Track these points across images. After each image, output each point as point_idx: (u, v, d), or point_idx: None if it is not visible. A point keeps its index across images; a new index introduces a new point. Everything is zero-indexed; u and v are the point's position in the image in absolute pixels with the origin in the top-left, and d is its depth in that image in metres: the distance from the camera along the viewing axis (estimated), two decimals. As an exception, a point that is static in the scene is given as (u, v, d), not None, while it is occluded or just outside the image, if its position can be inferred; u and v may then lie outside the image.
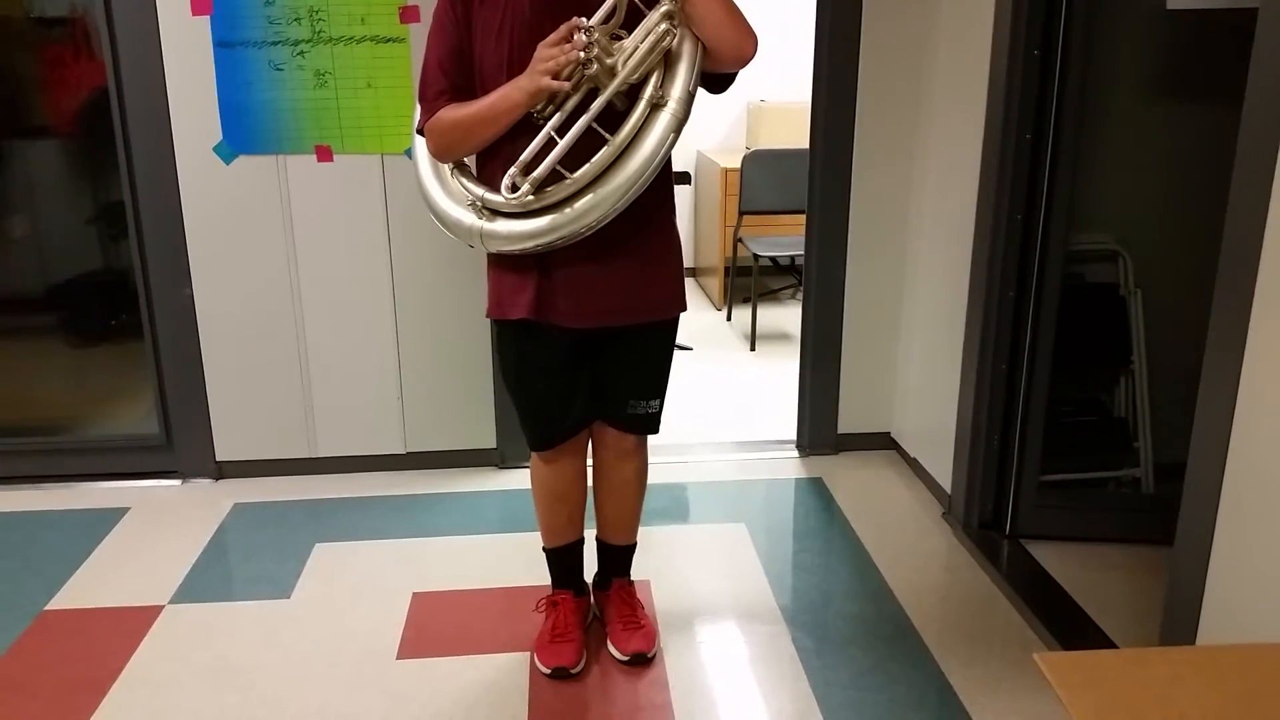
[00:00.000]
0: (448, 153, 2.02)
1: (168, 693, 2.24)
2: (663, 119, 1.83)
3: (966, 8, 2.77)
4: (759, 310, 4.78)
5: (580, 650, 2.31)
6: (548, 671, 2.27)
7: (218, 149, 2.96)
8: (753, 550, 2.82)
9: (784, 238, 4.80)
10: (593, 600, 2.49)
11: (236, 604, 2.58)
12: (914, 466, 3.29)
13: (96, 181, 3.33)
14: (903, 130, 3.16)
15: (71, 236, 3.40)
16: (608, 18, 1.84)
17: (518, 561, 2.72)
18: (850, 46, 3.07)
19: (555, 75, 1.81)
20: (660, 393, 2.23)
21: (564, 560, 2.39)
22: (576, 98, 1.85)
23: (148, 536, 2.92)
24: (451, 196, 2.03)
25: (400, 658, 2.35)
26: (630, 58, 1.81)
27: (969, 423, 2.80)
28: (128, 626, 2.48)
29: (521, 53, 1.88)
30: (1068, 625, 2.42)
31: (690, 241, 5.74)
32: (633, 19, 1.85)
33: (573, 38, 1.80)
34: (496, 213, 1.95)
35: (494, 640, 2.41)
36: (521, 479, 2.85)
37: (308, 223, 3.05)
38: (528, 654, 2.35)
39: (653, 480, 2.39)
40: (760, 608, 2.54)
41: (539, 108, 1.88)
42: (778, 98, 5.36)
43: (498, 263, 2.08)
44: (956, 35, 2.86)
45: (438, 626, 2.47)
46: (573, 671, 2.27)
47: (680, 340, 2.30)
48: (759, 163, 4.65)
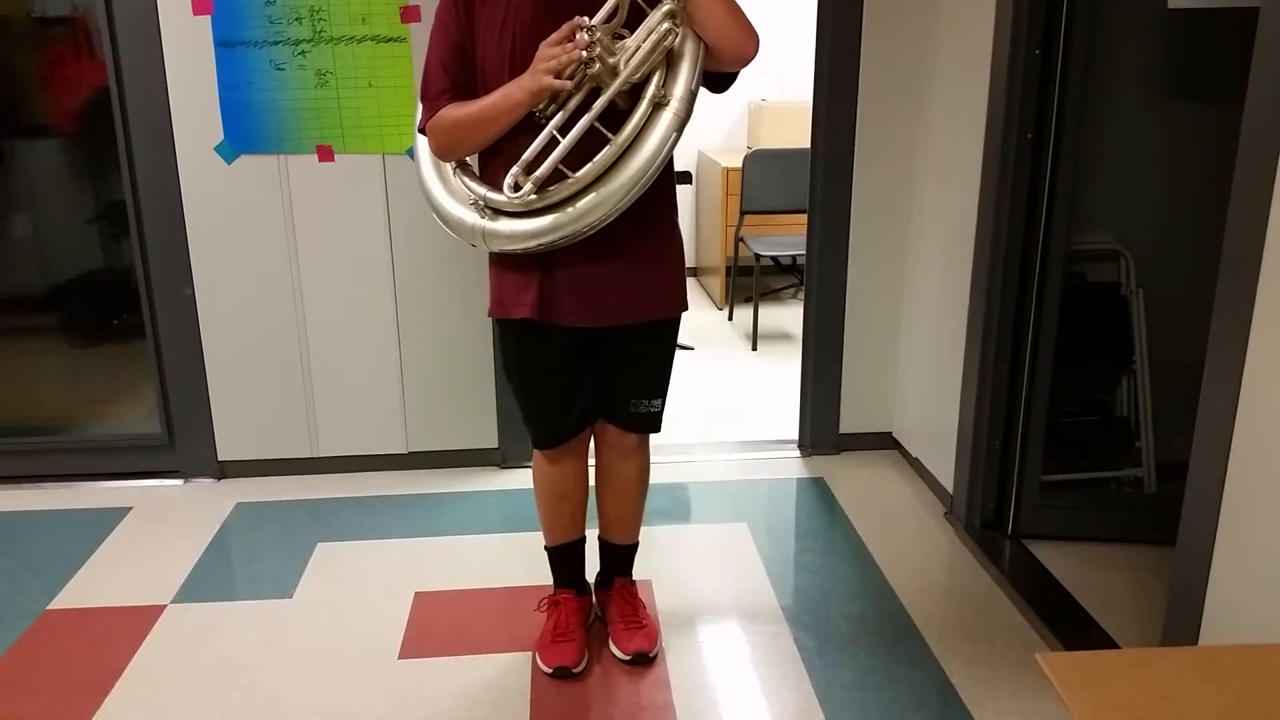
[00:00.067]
0: (450, 152, 2.02)
1: (169, 692, 2.24)
2: (665, 118, 1.83)
3: (967, 7, 2.77)
4: (760, 310, 4.78)
5: (582, 650, 2.31)
6: (549, 671, 2.27)
7: (219, 148, 2.96)
8: (754, 550, 2.82)
9: (785, 237, 4.80)
10: (594, 600, 2.49)
11: (238, 603, 2.59)
12: (916, 466, 3.29)
13: (98, 181, 3.34)
14: (904, 130, 3.16)
15: (73, 236, 3.41)
16: (610, 17, 1.84)
17: (519, 561, 2.73)
18: (851, 46, 3.07)
19: (557, 74, 1.81)
20: (662, 391, 2.23)
21: (566, 559, 2.39)
22: (579, 97, 1.85)
23: (149, 536, 2.93)
24: (454, 195, 2.03)
25: (402, 657, 2.35)
26: (632, 57, 1.81)
27: (971, 422, 2.80)
28: (129, 626, 2.48)
29: (524, 52, 1.88)
30: (1069, 625, 2.42)
31: (691, 241, 5.74)
32: (635, 18, 1.85)
33: (575, 37, 1.80)
34: (499, 212, 1.95)
35: (496, 640, 2.41)
36: (523, 479, 2.85)
37: (309, 222, 3.05)
38: (529, 654, 2.35)
39: (654, 480, 2.39)
40: (762, 607, 2.54)
41: (541, 107, 1.88)
42: (779, 97, 5.37)
43: (499, 262, 2.08)
44: (958, 35, 2.86)
45: (439, 626, 2.47)
46: (574, 671, 2.27)
47: (681, 340, 2.30)
48: (760, 162, 4.65)
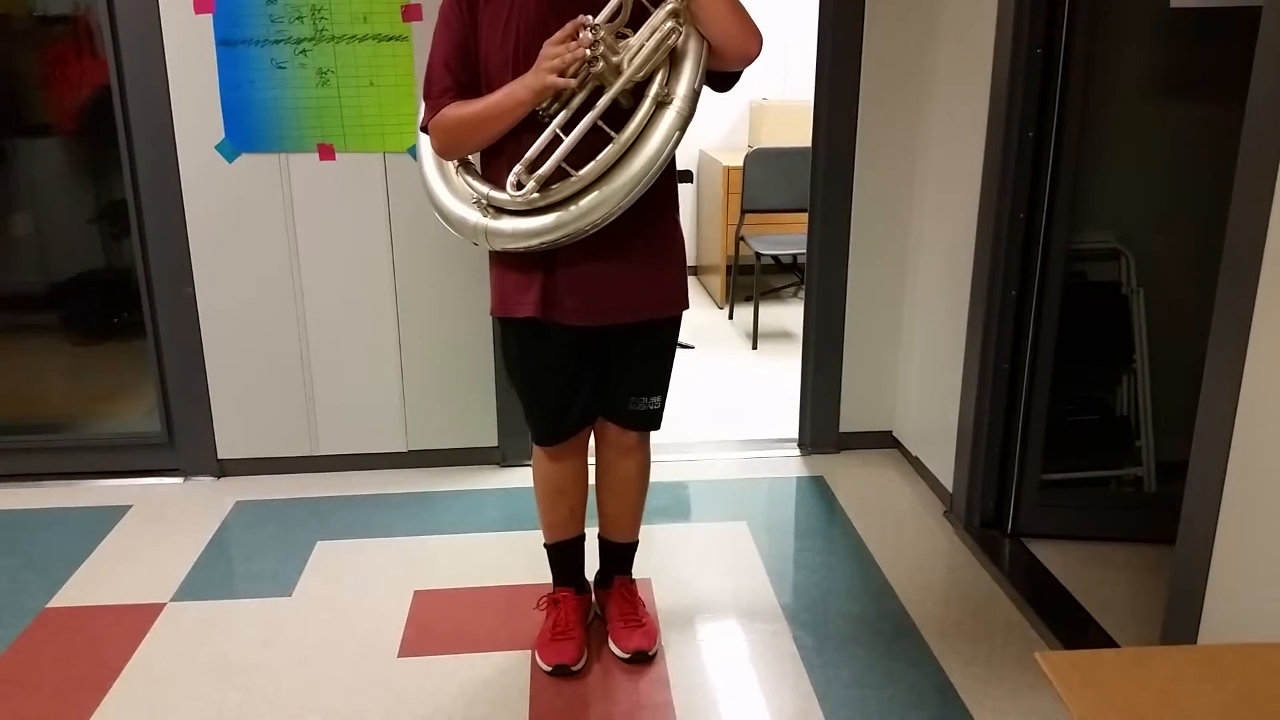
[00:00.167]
0: (452, 150, 2.02)
1: (169, 690, 2.24)
2: (668, 117, 1.83)
3: (969, 6, 2.76)
4: (761, 309, 4.78)
5: (581, 648, 2.31)
6: (549, 669, 2.27)
7: (220, 147, 2.96)
8: (754, 549, 2.82)
9: (786, 236, 4.80)
10: (594, 598, 2.49)
11: (238, 602, 2.59)
12: (915, 465, 3.29)
13: (99, 180, 3.33)
14: (905, 128, 3.16)
15: (74, 235, 3.40)
16: (613, 15, 1.83)
17: (519, 560, 2.73)
18: (853, 44, 3.07)
19: (561, 73, 1.81)
20: (662, 389, 2.23)
21: (565, 556, 2.39)
22: (582, 95, 1.85)
23: (149, 534, 2.93)
24: (456, 194, 2.03)
25: (402, 656, 2.35)
26: (636, 56, 1.81)
27: (971, 421, 2.80)
28: (129, 624, 2.48)
29: (527, 50, 1.88)
30: (1069, 624, 2.43)
31: (692, 240, 5.74)
32: (638, 17, 1.85)
33: (578, 35, 1.80)
34: (501, 210, 1.95)
35: (495, 638, 2.41)
36: (522, 477, 2.85)
37: (310, 221, 3.05)
38: (529, 652, 2.35)
39: (654, 479, 2.40)
40: (761, 606, 2.54)
41: (544, 105, 1.88)
42: (780, 96, 5.37)
43: (501, 260, 2.08)
44: (959, 33, 2.86)
45: (439, 624, 2.47)
46: (574, 669, 2.27)
47: (682, 339, 2.30)
48: (761, 161, 4.65)
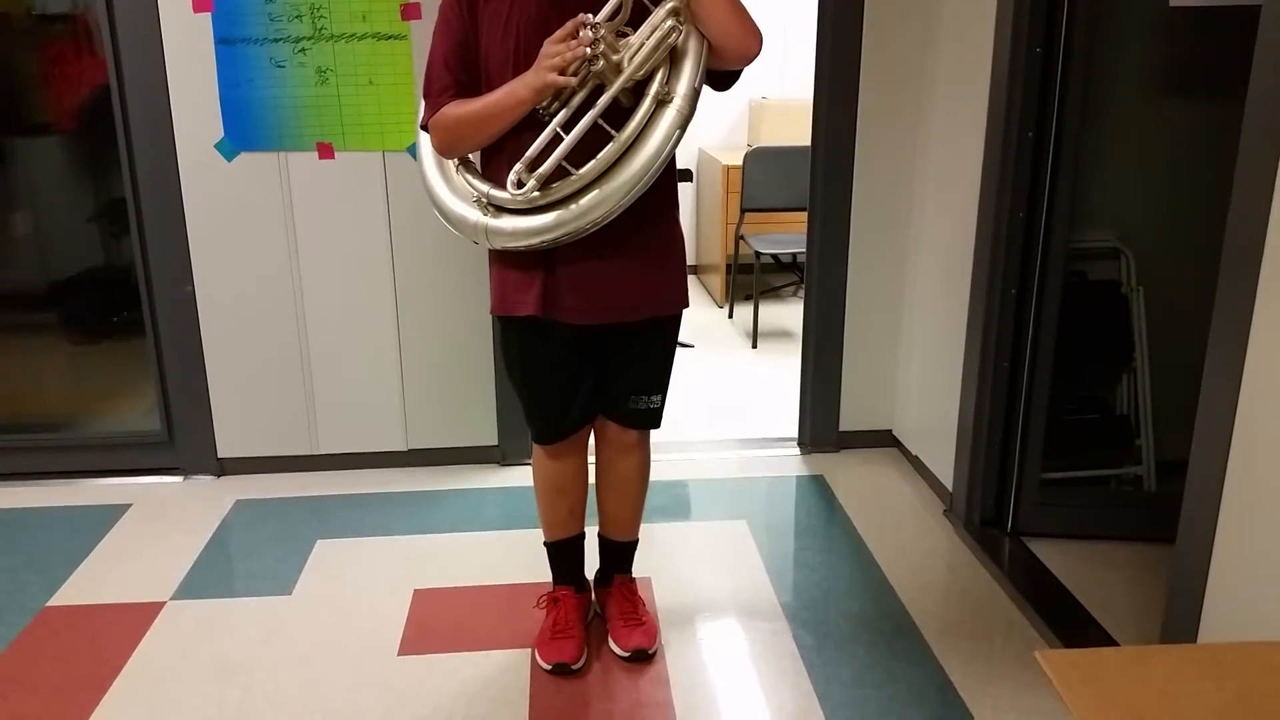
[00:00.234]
0: (452, 149, 2.02)
1: (169, 689, 2.24)
2: (668, 116, 1.83)
3: (968, 5, 2.76)
4: (760, 307, 4.78)
5: (581, 647, 2.31)
6: (549, 668, 2.28)
7: (219, 146, 2.96)
8: (754, 547, 2.82)
9: (786, 235, 4.80)
10: (594, 597, 2.49)
11: (238, 600, 2.59)
12: (915, 464, 3.29)
13: (98, 178, 3.33)
14: (905, 128, 3.16)
15: (73, 233, 3.40)
16: (614, 14, 1.83)
17: (519, 558, 2.73)
18: (852, 43, 3.07)
19: (561, 71, 1.81)
20: (662, 387, 2.23)
21: (565, 555, 2.39)
22: (582, 94, 1.85)
23: (149, 533, 2.93)
24: (456, 193, 2.03)
25: (401, 654, 2.35)
26: (636, 54, 1.81)
27: (971, 420, 2.80)
28: (129, 623, 2.48)
29: (528, 49, 1.88)
30: (1069, 623, 2.43)
31: (692, 239, 5.73)
32: (639, 16, 1.85)
33: (579, 34, 1.81)
34: (501, 209, 1.95)
35: (495, 637, 2.41)
36: (522, 476, 2.85)
37: (309, 220, 3.05)
38: (529, 650, 2.35)
39: (654, 477, 2.40)
40: (761, 605, 2.54)
41: (545, 104, 1.88)
42: (779, 95, 5.36)
43: (501, 259, 2.08)
44: (958, 33, 2.86)
45: (439, 623, 2.47)
46: (574, 668, 2.27)
47: (682, 338, 2.30)
48: (761, 160, 4.65)
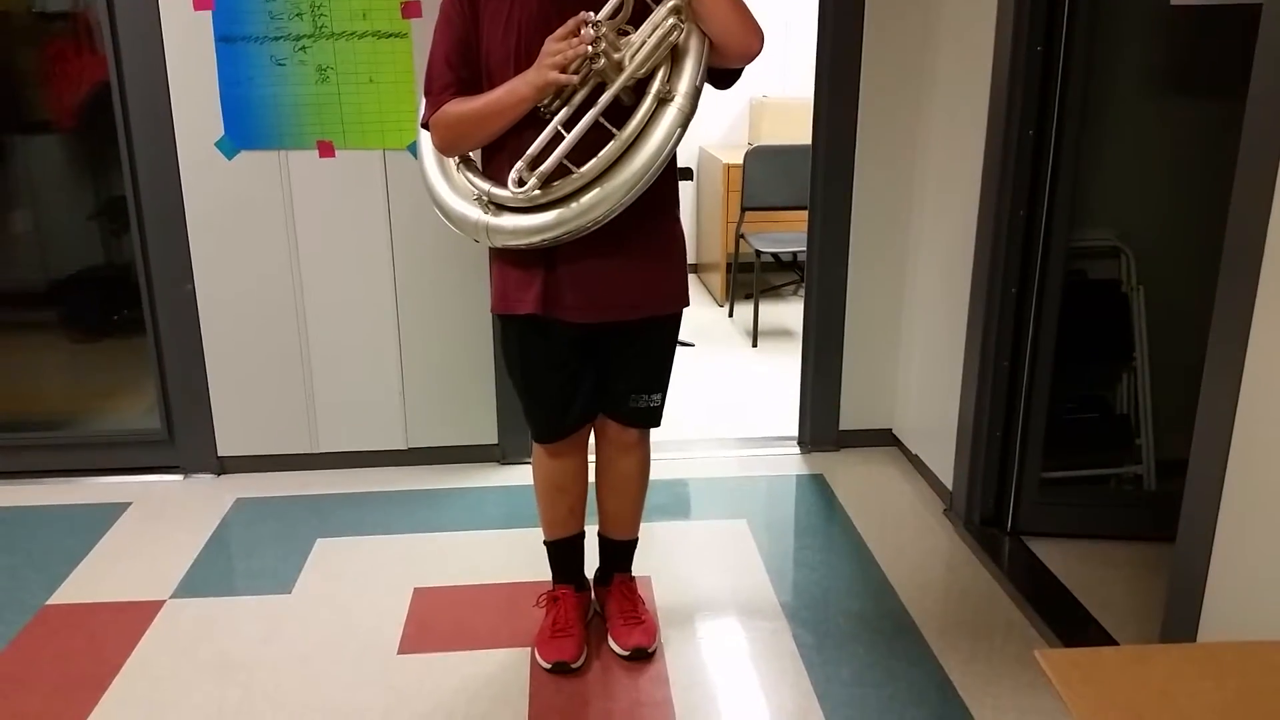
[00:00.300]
0: (453, 147, 2.02)
1: (169, 687, 2.24)
2: (669, 114, 1.83)
3: (969, 4, 2.76)
4: (761, 306, 4.78)
5: (581, 645, 2.31)
6: (548, 666, 2.28)
7: (220, 144, 2.96)
8: (754, 546, 2.82)
9: (786, 234, 4.80)
10: (593, 595, 2.49)
11: (238, 599, 2.59)
12: (915, 463, 3.29)
13: (98, 176, 3.33)
14: (905, 126, 3.15)
15: (73, 232, 3.40)
16: (615, 12, 1.83)
17: (519, 557, 2.73)
18: (853, 42, 3.07)
19: (563, 69, 1.81)
20: (662, 386, 2.23)
21: (564, 554, 2.39)
22: (583, 92, 1.85)
23: (149, 531, 2.93)
24: (457, 191, 2.03)
25: (401, 653, 2.36)
26: (637, 52, 1.81)
27: (971, 419, 2.80)
28: (129, 621, 2.48)
29: (529, 47, 1.88)
30: (1069, 622, 2.43)
31: (692, 237, 5.73)
32: (640, 14, 1.85)
33: (580, 32, 1.80)
34: (502, 207, 1.95)
35: (495, 635, 2.41)
36: (522, 475, 2.85)
37: (309, 218, 3.05)
38: (528, 649, 2.35)
39: (654, 476, 2.39)
40: (761, 604, 2.54)
41: (546, 102, 1.88)
42: (780, 93, 5.36)
43: (502, 257, 2.08)
44: (959, 31, 2.86)
45: (439, 622, 2.47)
46: (573, 666, 2.27)
47: (682, 336, 2.30)
48: (761, 158, 4.64)
